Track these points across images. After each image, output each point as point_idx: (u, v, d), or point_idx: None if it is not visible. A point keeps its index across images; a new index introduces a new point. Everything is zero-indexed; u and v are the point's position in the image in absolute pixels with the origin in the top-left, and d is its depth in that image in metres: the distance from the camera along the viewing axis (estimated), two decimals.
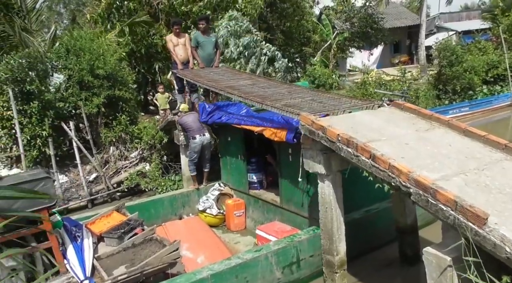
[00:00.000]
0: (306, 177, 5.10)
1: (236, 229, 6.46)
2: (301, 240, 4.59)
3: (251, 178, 6.53)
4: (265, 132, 5.29)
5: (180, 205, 6.90)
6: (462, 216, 2.73)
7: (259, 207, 6.35)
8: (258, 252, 4.37)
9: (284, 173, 5.64)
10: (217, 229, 6.48)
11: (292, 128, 4.83)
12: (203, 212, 6.57)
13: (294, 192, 5.48)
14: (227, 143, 6.90)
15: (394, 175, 3.27)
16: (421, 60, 19.95)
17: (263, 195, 6.33)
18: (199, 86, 7.82)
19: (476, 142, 3.87)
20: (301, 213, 5.39)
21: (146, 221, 5.95)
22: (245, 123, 5.75)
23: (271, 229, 5.29)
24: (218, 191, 6.79)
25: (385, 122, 4.31)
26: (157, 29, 11.67)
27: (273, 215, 6.01)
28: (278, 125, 5.12)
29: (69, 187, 8.17)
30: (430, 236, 5.26)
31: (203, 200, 6.71)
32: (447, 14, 29.39)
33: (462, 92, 14.12)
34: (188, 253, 5.02)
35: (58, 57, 8.91)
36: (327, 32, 17.04)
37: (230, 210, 6.43)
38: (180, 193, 7.07)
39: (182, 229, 5.62)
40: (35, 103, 7.95)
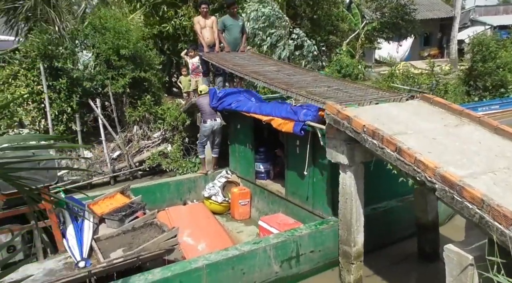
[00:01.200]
0: (313, 171, 4.99)
1: (240, 218, 6.39)
2: (302, 235, 4.48)
3: (258, 168, 6.44)
4: (273, 122, 5.19)
5: (186, 190, 6.85)
6: (488, 215, 2.67)
7: (265, 197, 6.26)
8: (256, 244, 4.27)
9: (290, 165, 5.52)
10: (221, 217, 6.44)
11: (300, 120, 4.74)
12: (208, 199, 6.53)
13: (300, 185, 5.38)
14: (236, 130, 6.81)
15: (420, 169, 3.20)
16: (452, 54, 19.27)
17: (269, 185, 6.22)
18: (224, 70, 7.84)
19: (507, 141, 3.74)
20: (305, 206, 5.31)
21: (151, 204, 5.88)
22: (254, 111, 5.63)
23: (274, 221, 5.21)
24: (225, 179, 6.73)
25: (412, 115, 4.21)
26: (186, 10, 11.66)
27: (277, 206, 5.91)
28: (286, 116, 4.99)
29: (93, 163, 8.41)
30: (450, 233, 5.19)
31: (209, 186, 6.65)
32: (483, 7, 28.12)
33: (493, 89, 13.58)
34: (189, 240, 4.97)
35: (85, 35, 9.07)
36: (356, 21, 16.62)
37: (235, 198, 6.36)
38: (187, 178, 7.01)
39: (185, 215, 5.54)
40: (63, 79, 8.17)
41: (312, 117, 4.62)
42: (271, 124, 5.23)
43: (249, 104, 5.83)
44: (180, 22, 11.76)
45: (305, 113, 4.70)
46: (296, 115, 4.80)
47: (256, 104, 5.77)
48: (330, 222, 4.72)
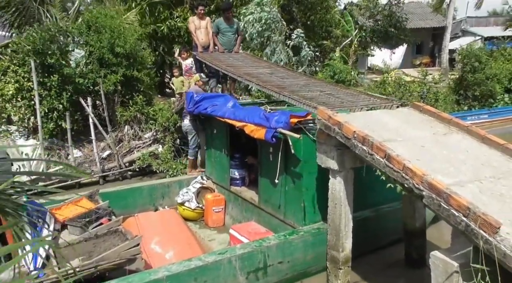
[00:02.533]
0: (285, 179, 4.89)
1: (213, 225, 6.20)
2: (270, 245, 4.30)
3: (233, 174, 6.23)
4: (245, 128, 5.03)
5: (160, 195, 6.60)
6: (474, 223, 2.71)
7: (238, 204, 6.07)
8: (221, 255, 4.08)
9: (263, 172, 5.37)
10: (195, 223, 6.26)
11: (271, 127, 4.60)
12: (181, 205, 6.32)
13: (272, 193, 5.22)
14: (212, 135, 6.61)
15: (408, 176, 3.24)
16: (443, 63, 19.55)
17: (243, 192, 6.03)
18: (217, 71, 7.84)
19: (494, 150, 3.81)
20: (277, 215, 5.16)
21: (121, 210, 5.72)
22: (228, 117, 5.46)
23: (245, 229, 5.01)
24: (199, 184, 6.54)
25: (402, 123, 4.26)
26: (181, 11, 11.66)
27: (251, 214, 5.74)
28: (258, 122, 4.84)
29: (82, 162, 8.32)
30: (437, 240, 5.24)
31: (183, 192, 6.42)
32: (474, 18, 28.64)
33: (483, 99, 13.83)
34: (157, 248, 4.75)
35: (79, 32, 9.00)
36: (349, 27, 16.79)
37: (209, 205, 6.17)
38: (161, 183, 6.76)
39: (155, 222, 5.33)
40: (55, 76, 8.09)
41: (284, 124, 4.50)
42: (244, 130, 5.09)
43: (224, 109, 5.66)
44: (175, 23, 11.76)
45: (277, 120, 4.58)
46: (268, 121, 4.69)
47: (231, 109, 5.62)
48: (300, 232, 4.58)
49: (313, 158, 4.53)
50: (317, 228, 4.66)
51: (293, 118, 4.44)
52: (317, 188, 4.74)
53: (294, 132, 4.43)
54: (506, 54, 15.73)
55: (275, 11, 11.19)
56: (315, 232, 4.60)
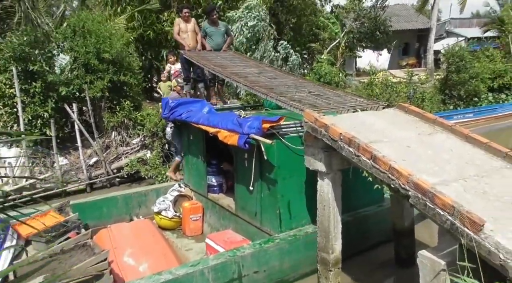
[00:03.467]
0: (260, 185, 4.78)
1: (191, 234, 6.02)
2: (244, 255, 4.17)
3: (210, 181, 6.09)
4: (219, 134, 4.92)
5: (136, 205, 6.41)
6: (459, 221, 2.74)
7: (216, 212, 5.92)
8: (193, 267, 3.91)
9: (239, 179, 5.23)
10: (172, 233, 6.10)
11: (244, 133, 4.50)
12: (158, 214, 6.14)
13: (248, 200, 5.08)
14: (189, 142, 6.47)
15: (394, 177, 3.27)
16: (428, 64, 19.86)
17: (220, 200, 5.88)
18: (206, 76, 7.80)
19: (477, 149, 3.87)
20: (254, 223, 5.01)
21: (96, 221, 5.60)
22: (202, 123, 5.34)
23: (221, 238, 4.88)
24: (177, 192, 6.39)
25: (388, 124, 4.30)
26: (168, 16, 11.63)
27: (228, 222, 5.59)
28: (231, 128, 4.73)
29: (68, 170, 8.21)
30: (425, 239, 5.29)
31: (159, 201, 6.25)
32: (458, 19, 29.18)
33: (467, 99, 14.11)
34: (130, 260, 4.56)
35: (64, 37, 8.90)
36: (336, 30, 16.95)
37: (186, 213, 6.01)
38: (136, 192, 6.57)
39: (128, 233, 5.12)
40: (38, 83, 7.97)
41: (256, 130, 4.39)
42: (217, 136, 4.98)
43: (198, 115, 5.54)
44: (162, 27, 11.71)
45: (249, 125, 4.46)
46: (241, 127, 4.57)
47: (205, 115, 5.49)
48: (276, 240, 4.48)
49: (287, 163, 4.50)
50: (293, 235, 4.57)
51: (265, 124, 4.35)
52: (294, 194, 4.66)
53: (267, 138, 4.35)
54: (489, 54, 16.05)
55: (264, 13, 11.21)
56: (291, 240, 4.51)
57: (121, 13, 11.50)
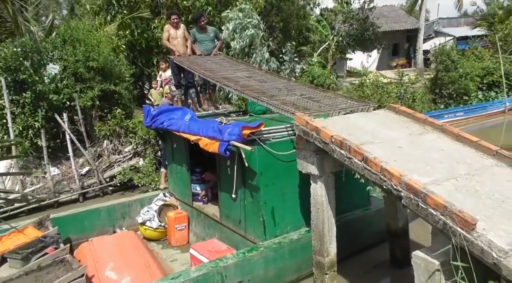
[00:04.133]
0: (243, 193, 4.70)
1: (177, 244, 5.90)
2: (227, 265, 4.07)
3: (195, 189, 5.99)
4: (200, 142, 4.84)
5: (120, 216, 6.27)
6: (451, 221, 2.74)
7: (201, 221, 5.81)
8: (173, 280, 3.81)
9: (223, 187, 5.14)
10: (158, 243, 5.98)
11: (224, 140, 4.43)
12: (142, 225, 6.02)
13: (232, 208, 5.00)
14: (172, 150, 6.35)
15: (386, 178, 3.27)
16: (418, 64, 20.04)
17: (205, 208, 5.79)
18: (196, 81, 7.77)
19: (468, 148, 3.89)
20: (238, 231, 4.92)
21: (78, 235, 5.46)
22: (183, 131, 5.27)
23: (205, 248, 4.77)
24: (162, 202, 6.29)
25: (379, 125, 4.31)
26: (159, 23, 11.60)
27: (213, 231, 5.49)
28: (212, 135, 4.65)
29: (60, 180, 8.12)
30: (420, 239, 5.30)
31: (143, 211, 6.13)
32: (446, 19, 29.54)
33: (458, 97, 14.25)
34: (112, 274, 4.43)
35: (54, 47, 8.84)
36: (326, 32, 17.06)
37: (171, 223, 5.89)
38: (120, 203, 6.42)
39: (110, 246, 4.97)
40: (28, 93, 7.90)
41: (236, 136, 4.32)
42: (199, 144, 4.90)
43: (180, 123, 5.45)
44: (152, 34, 11.69)
45: (229, 132, 4.39)
46: (221, 134, 4.50)
47: (186, 122, 5.40)
48: (260, 248, 4.39)
49: (270, 169, 4.45)
50: (278, 243, 4.50)
51: (245, 130, 4.27)
52: (277, 201, 4.60)
53: (249, 144, 4.28)
54: (477, 52, 16.25)
55: (257, 19, 11.22)
56: (276, 247, 4.44)
57: (111, 21, 11.46)
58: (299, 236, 4.66)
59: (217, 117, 5.65)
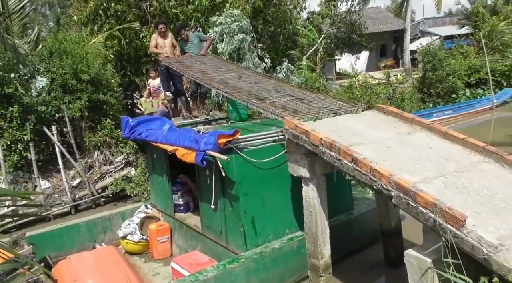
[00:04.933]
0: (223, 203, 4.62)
1: (159, 257, 5.74)
2: (207, 278, 3.97)
3: (176, 200, 5.84)
4: (177, 152, 4.72)
5: (101, 230, 6.11)
6: (441, 218, 2.77)
7: (183, 233, 5.66)
8: None
9: (203, 197, 5.03)
10: (140, 257, 5.85)
11: (200, 150, 4.33)
12: (124, 239, 5.86)
13: (213, 218, 4.88)
14: (152, 160, 6.22)
15: (376, 178, 3.29)
16: (406, 64, 20.23)
17: (187, 219, 5.63)
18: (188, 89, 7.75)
19: (455, 145, 3.93)
20: (220, 242, 4.81)
21: (58, 252, 5.29)
22: (160, 141, 5.14)
23: (186, 261, 4.65)
24: (143, 214, 6.13)
25: (368, 126, 4.34)
26: (147, 31, 11.59)
27: (195, 242, 5.34)
28: (189, 145, 4.53)
29: (51, 193, 8.03)
30: (414, 238, 5.32)
31: (124, 225, 5.96)
32: (431, 19, 29.97)
33: (446, 96, 14.41)
34: None
35: (41, 60, 8.78)
36: (313, 36, 17.19)
37: (153, 236, 5.75)
38: (101, 217, 6.25)
39: (89, 262, 4.78)
40: (15, 107, 7.83)
41: (212, 146, 4.22)
42: (176, 154, 4.79)
43: (157, 133, 5.32)
44: (141, 43, 11.67)
45: (205, 141, 4.29)
46: (197, 144, 4.38)
47: (164, 133, 5.26)
48: (241, 259, 4.28)
49: (249, 178, 4.36)
50: (260, 253, 4.40)
51: (221, 139, 4.18)
52: (258, 210, 4.51)
53: (225, 153, 4.21)
54: (463, 50, 16.48)
55: (247, 24, 11.24)
56: (257, 257, 4.34)
57: (98, 31, 11.42)
58: (281, 244, 4.55)
59: (197, 125, 5.60)
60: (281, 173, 4.57)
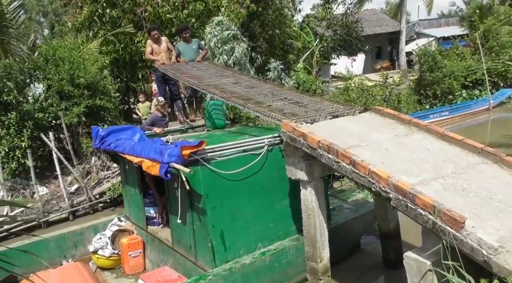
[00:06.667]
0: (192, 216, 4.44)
1: (132, 272, 5.48)
2: None
3: (148, 213, 5.61)
4: (143, 164, 4.51)
5: (72, 245, 5.82)
6: (440, 220, 2.76)
7: (156, 247, 5.42)
8: None
9: (172, 210, 4.80)
10: (112, 272, 5.60)
11: (164, 162, 4.09)
12: (95, 254, 5.62)
13: (183, 232, 4.66)
14: (125, 171, 5.99)
15: (374, 180, 3.29)
16: (402, 66, 20.36)
17: (159, 233, 5.42)
18: (183, 94, 7.75)
19: (453, 146, 3.94)
20: (190, 257, 4.59)
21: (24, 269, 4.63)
22: (127, 152, 4.91)
23: (154, 278, 4.45)
24: (116, 227, 5.87)
25: (365, 128, 4.35)
26: (142, 37, 11.59)
27: (167, 257, 5.10)
28: (153, 157, 4.31)
29: (49, 199, 7.98)
30: (413, 240, 5.32)
31: (95, 239, 5.69)
32: (426, 20, 30.14)
33: (442, 97, 14.45)
34: None
35: (37, 67, 8.77)
36: (309, 39, 17.24)
37: (124, 250, 5.49)
38: (71, 231, 5.95)
39: (54, 281, 4.44)
40: (13, 114, 7.81)
41: (176, 158, 3.98)
42: (142, 166, 4.56)
43: (126, 144, 5.08)
44: (136, 48, 11.67)
45: (169, 153, 4.05)
46: (161, 156, 4.14)
47: (132, 143, 5.01)
48: (209, 276, 4.07)
49: (216, 190, 4.18)
50: (229, 269, 4.18)
51: (185, 150, 3.95)
52: (227, 223, 4.31)
53: (191, 164, 4.00)
54: (459, 52, 16.55)
55: (237, 29, 11.26)
56: (226, 274, 4.13)
57: (94, 37, 11.41)
58: (252, 259, 4.34)
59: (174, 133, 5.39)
60: (253, 185, 4.41)
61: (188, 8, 11.55)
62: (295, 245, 4.62)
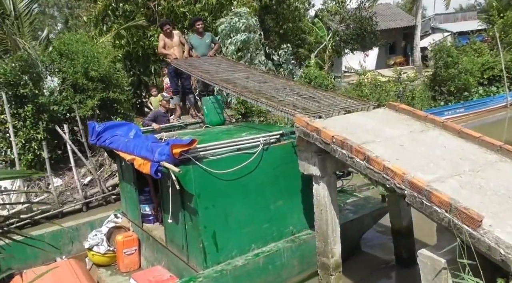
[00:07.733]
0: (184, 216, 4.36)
1: (127, 269, 5.42)
2: None
3: (144, 210, 5.53)
4: (135, 162, 4.42)
5: (68, 241, 5.78)
6: (457, 218, 2.71)
7: (150, 245, 5.33)
8: None
9: (166, 209, 4.66)
10: (107, 269, 5.54)
11: (154, 161, 4.00)
12: (90, 250, 5.58)
13: (175, 231, 4.56)
14: (121, 168, 5.93)
15: (389, 177, 3.24)
16: (416, 61, 20.04)
17: (154, 231, 5.31)
18: (195, 88, 7.76)
19: (470, 144, 3.86)
20: (182, 257, 4.50)
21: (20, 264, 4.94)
22: (121, 149, 4.82)
23: (146, 277, 4.38)
24: (113, 224, 5.81)
25: (380, 124, 4.29)
26: (155, 31, 11.64)
27: (161, 255, 5.02)
28: (145, 155, 4.20)
29: (63, 191, 8.12)
30: (425, 237, 5.26)
31: (91, 235, 5.66)
32: (442, 15, 29.56)
33: (458, 93, 14.16)
34: None
35: (51, 60, 8.88)
36: (322, 33, 17.07)
37: (119, 247, 5.43)
38: (68, 227, 5.87)
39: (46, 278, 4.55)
40: (29, 107, 7.96)
41: (166, 156, 3.86)
42: (134, 164, 4.48)
43: (120, 141, 4.99)
44: (149, 42, 11.72)
45: (160, 151, 3.93)
46: (152, 154, 4.05)
47: (125, 140, 4.91)
48: (199, 278, 3.96)
49: (208, 190, 4.08)
50: (220, 271, 4.07)
51: (175, 149, 3.82)
52: (220, 224, 4.20)
53: (182, 163, 3.89)
54: (476, 47, 16.16)
55: (254, 22, 11.20)
56: (217, 276, 4.01)
57: (107, 31, 11.50)
58: (244, 261, 4.22)
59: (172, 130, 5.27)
60: (247, 184, 4.31)
61: (201, 2, 11.54)
62: (290, 246, 4.52)
